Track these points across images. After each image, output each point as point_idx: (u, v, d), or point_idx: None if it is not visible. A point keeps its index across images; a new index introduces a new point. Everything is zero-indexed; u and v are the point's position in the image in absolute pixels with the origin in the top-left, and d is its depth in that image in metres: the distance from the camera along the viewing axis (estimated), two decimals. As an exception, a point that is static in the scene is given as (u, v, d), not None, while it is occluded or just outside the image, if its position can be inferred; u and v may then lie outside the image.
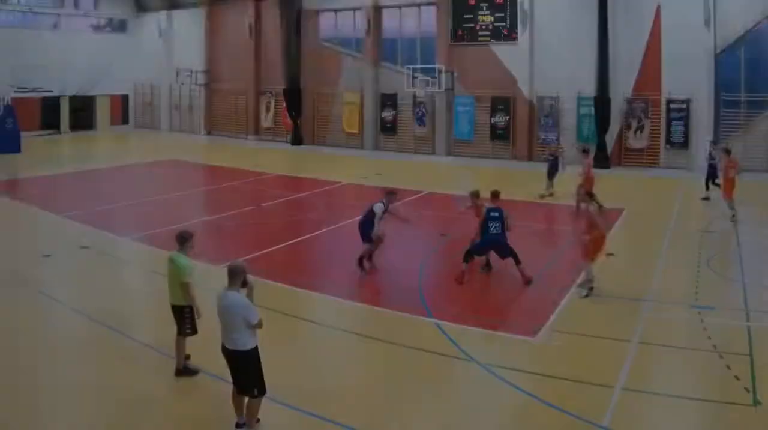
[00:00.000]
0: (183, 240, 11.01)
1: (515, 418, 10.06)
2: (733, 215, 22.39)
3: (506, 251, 16.15)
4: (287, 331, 13.06)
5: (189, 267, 10.88)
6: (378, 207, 16.61)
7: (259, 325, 8.90)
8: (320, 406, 9.80)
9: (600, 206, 17.55)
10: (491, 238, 16.07)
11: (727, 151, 25.08)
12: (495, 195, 16.64)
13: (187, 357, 11.20)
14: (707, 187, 27.13)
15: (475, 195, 17.71)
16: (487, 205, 16.62)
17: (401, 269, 17.53)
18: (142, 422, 9.63)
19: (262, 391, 8.98)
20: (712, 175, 27.19)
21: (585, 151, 26.56)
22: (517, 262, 15.89)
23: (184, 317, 10.94)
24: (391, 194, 17.58)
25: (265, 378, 8.97)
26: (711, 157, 28.05)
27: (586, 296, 14.84)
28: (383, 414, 9.89)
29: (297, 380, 10.71)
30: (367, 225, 16.74)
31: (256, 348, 8.98)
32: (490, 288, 16.06)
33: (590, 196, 18.29)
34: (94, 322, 13.55)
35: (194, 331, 11.00)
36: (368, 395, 10.59)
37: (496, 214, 16.15)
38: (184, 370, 11.03)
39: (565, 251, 19.57)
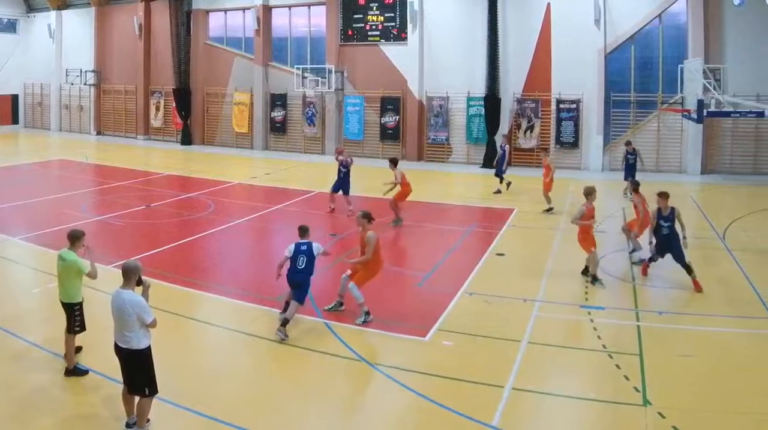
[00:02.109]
0: (74, 238, 10.25)
1: (406, 418, 9.28)
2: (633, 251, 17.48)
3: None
4: (178, 331, 11.96)
5: (81, 261, 10.13)
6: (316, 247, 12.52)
7: (153, 324, 8.30)
8: (210, 406, 9.06)
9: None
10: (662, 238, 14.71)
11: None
12: (663, 195, 14.69)
13: (79, 349, 10.48)
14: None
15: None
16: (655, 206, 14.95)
17: None
18: (31, 421, 8.81)
19: (153, 391, 8.36)
20: (631, 174, 24.42)
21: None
22: (689, 271, 14.41)
23: (74, 315, 10.23)
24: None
25: (156, 378, 8.34)
26: (629, 153, 25.59)
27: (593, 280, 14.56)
28: (273, 414, 9.11)
29: (188, 380, 9.94)
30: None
31: (148, 348, 8.35)
32: (380, 289, 13.95)
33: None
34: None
35: (83, 328, 10.31)
36: (258, 395, 9.74)
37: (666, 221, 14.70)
38: (75, 370, 10.10)
39: (457, 250, 17.93)
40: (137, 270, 8.38)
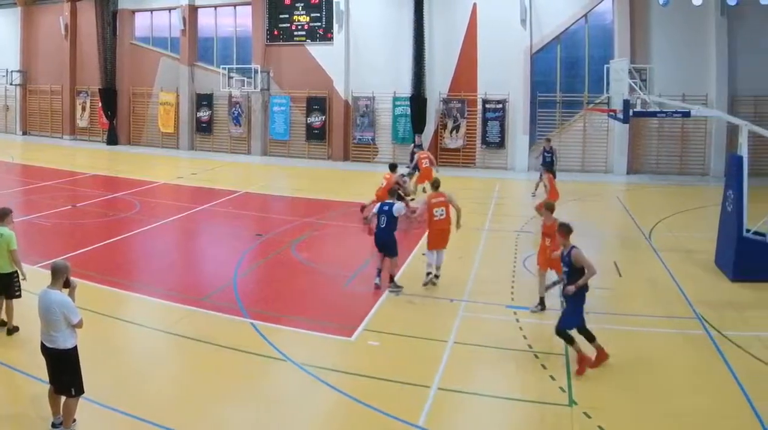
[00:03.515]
0: (3, 215, 10.63)
1: (331, 417, 8.66)
2: None
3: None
4: (105, 331, 10.96)
5: (13, 235, 10.52)
6: (397, 208, 13.25)
7: (80, 325, 7.78)
8: (136, 406, 8.41)
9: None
10: None
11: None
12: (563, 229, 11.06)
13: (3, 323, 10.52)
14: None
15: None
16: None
17: (217, 269, 15.30)
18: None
19: (80, 391, 7.84)
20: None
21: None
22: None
23: (13, 282, 10.56)
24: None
25: (82, 378, 7.84)
26: (546, 151, 23.58)
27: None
28: (198, 414, 8.49)
29: (114, 380, 9.21)
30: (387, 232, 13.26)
31: (75, 348, 7.83)
32: (306, 289, 13.58)
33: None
34: None
35: (20, 294, 10.57)
36: (184, 394, 9.04)
37: None
38: (15, 329, 10.50)
39: None
40: (66, 270, 7.93)
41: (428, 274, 13.36)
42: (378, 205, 13.49)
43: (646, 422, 8.34)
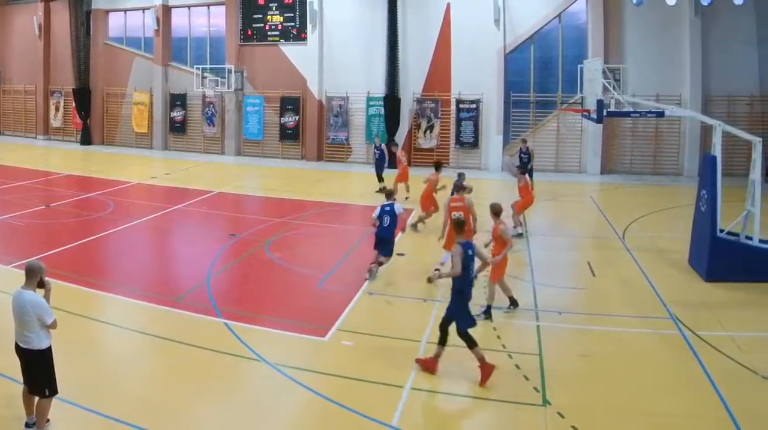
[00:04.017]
0: None
1: (306, 417, 8.49)
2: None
3: None
4: (79, 331, 10.61)
5: None
6: (398, 208, 13.97)
7: (54, 325, 7.61)
8: (110, 406, 8.23)
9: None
10: None
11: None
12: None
13: None
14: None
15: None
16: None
17: (191, 269, 14.95)
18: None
19: (53, 391, 7.68)
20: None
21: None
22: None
23: None
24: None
25: (56, 378, 7.67)
26: (522, 152, 23.12)
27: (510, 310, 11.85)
28: (172, 414, 8.32)
29: (88, 380, 8.97)
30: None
31: (49, 348, 7.67)
32: (280, 289, 13.23)
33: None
34: None
35: None
36: (158, 395, 8.80)
37: None
38: None
39: (357, 250, 16.16)
40: (40, 271, 7.72)
41: (436, 269, 13.05)
42: (380, 206, 13.80)
43: (620, 421, 8.21)
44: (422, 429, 8.32)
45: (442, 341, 9.28)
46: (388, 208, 13.61)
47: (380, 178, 23.19)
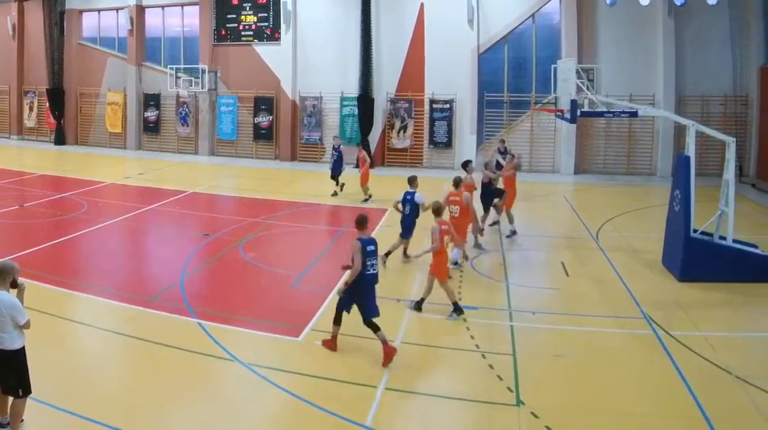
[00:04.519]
0: None
1: (279, 417, 8.34)
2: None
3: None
4: (53, 331, 10.42)
5: None
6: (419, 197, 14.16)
7: (27, 326, 7.40)
8: (84, 407, 8.08)
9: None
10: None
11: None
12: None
13: None
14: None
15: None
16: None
17: (165, 269, 14.56)
18: None
19: (27, 391, 7.54)
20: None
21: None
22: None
23: None
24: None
25: (30, 379, 7.51)
26: (500, 152, 22.10)
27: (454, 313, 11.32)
28: (146, 414, 8.16)
29: (62, 380, 8.83)
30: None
31: (23, 348, 7.48)
32: (254, 289, 13.06)
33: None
34: None
35: None
36: (132, 395, 8.66)
37: None
38: None
39: (331, 250, 16.17)
40: (13, 271, 7.45)
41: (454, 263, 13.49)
42: (403, 194, 14.22)
43: (594, 422, 8.09)
44: (396, 429, 8.21)
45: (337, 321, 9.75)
46: (409, 197, 14.06)
47: (336, 180, 22.46)
